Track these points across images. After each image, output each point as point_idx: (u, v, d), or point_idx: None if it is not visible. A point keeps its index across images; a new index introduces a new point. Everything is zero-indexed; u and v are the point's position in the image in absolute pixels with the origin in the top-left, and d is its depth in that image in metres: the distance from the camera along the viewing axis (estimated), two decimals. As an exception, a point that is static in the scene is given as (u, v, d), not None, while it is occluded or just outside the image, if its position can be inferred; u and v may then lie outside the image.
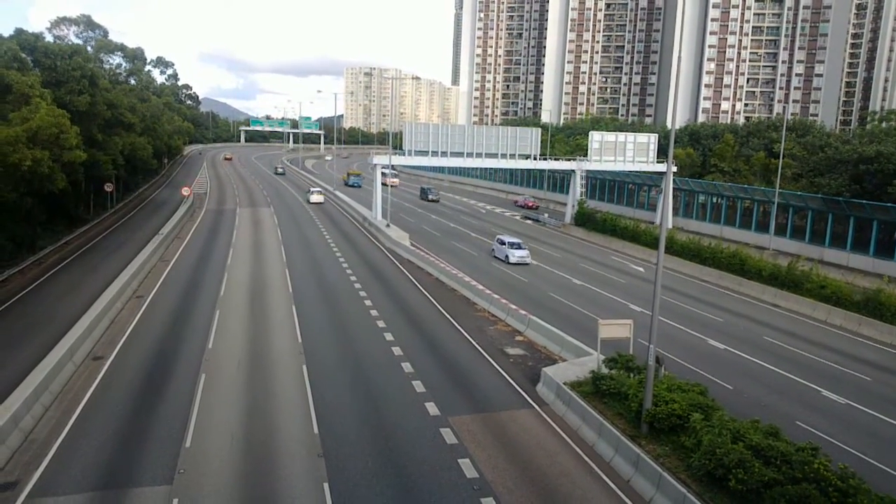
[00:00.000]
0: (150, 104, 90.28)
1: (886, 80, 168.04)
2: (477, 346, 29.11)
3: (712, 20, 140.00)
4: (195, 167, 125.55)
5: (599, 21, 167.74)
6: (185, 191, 73.25)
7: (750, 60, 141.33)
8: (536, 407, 22.75)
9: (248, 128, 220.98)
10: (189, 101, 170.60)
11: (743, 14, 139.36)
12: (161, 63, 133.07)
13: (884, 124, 74.78)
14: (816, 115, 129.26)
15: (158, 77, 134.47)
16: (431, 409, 21.92)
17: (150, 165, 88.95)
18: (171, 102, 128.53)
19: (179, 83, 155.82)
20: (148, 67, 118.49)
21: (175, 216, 60.75)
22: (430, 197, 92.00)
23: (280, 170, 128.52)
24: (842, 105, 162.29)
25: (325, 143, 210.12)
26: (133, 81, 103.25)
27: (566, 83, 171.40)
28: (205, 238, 54.35)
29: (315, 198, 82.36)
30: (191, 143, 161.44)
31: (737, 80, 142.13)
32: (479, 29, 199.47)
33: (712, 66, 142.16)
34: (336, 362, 26.26)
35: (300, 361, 25.91)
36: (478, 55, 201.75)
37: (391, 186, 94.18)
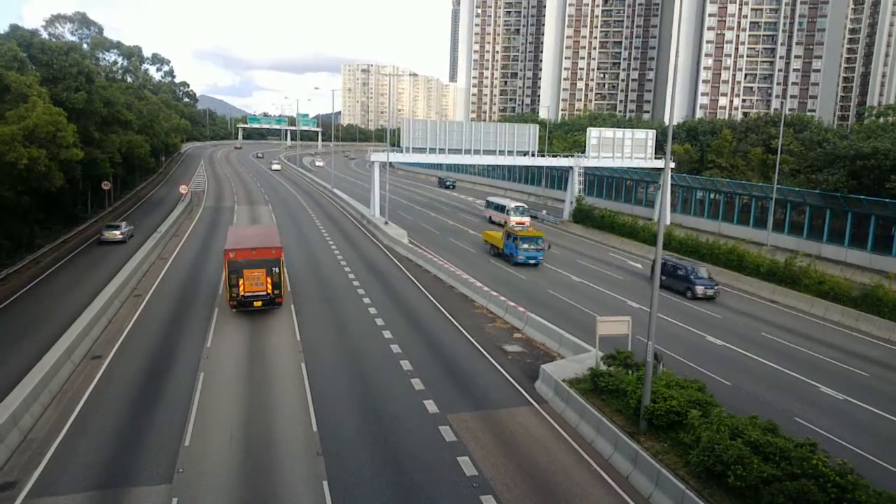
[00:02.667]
0: (147, 102, 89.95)
1: (884, 76, 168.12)
2: (475, 343, 29.12)
3: (710, 15, 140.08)
4: (193, 165, 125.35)
5: (597, 17, 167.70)
6: (183, 189, 73.17)
7: (748, 56, 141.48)
8: (535, 404, 22.77)
9: (245, 125, 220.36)
10: (186, 99, 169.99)
11: (740, 9, 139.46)
12: (158, 60, 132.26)
13: (881, 120, 74.82)
14: (814, 111, 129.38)
15: (155, 74, 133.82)
16: (430, 406, 21.94)
17: (148, 164, 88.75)
18: (168, 100, 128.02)
19: (176, 80, 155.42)
20: (145, 65, 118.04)
21: (173, 214, 60.68)
22: (700, 290, 38.92)
23: (260, 154, 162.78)
24: (839, 100, 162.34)
25: (322, 140, 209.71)
26: (129, 79, 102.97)
27: (564, 79, 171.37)
28: (203, 236, 54.28)
29: (275, 166, 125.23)
30: (188, 140, 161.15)
31: (734, 75, 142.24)
32: (477, 25, 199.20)
33: (710, 61, 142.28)
34: (335, 360, 26.26)
35: (299, 359, 25.91)
36: (475, 51, 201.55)
37: (519, 226, 55.70)
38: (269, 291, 31.66)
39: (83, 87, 51.01)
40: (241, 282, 31.26)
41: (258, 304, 31.59)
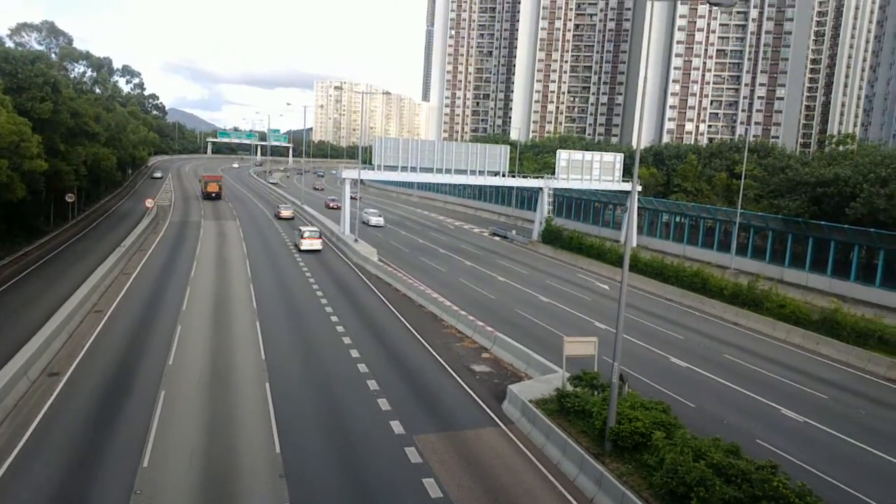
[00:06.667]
0: (116, 114, 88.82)
1: (843, 105, 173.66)
2: (443, 363, 29.03)
3: (678, 42, 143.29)
4: (161, 179, 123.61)
5: (568, 41, 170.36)
6: (149, 202, 71.98)
7: (714, 83, 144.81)
8: (502, 425, 22.73)
9: (215, 139, 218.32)
10: (155, 112, 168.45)
11: (707, 37, 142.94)
12: (127, 72, 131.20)
13: (841, 147, 77.00)
14: (777, 137, 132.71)
15: (124, 86, 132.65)
16: (396, 427, 21.74)
17: (114, 177, 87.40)
18: (136, 112, 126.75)
19: (146, 93, 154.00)
20: (114, 77, 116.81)
21: (138, 228, 59.65)
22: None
23: (235, 166, 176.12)
24: (802, 128, 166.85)
25: (293, 156, 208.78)
26: (98, 90, 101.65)
27: (535, 101, 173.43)
28: (168, 250, 53.45)
29: (234, 165, 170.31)
30: (156, 153, 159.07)
31: (701, 101, 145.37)
32: (450, 46, 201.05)
33: (677, 87, 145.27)
34: (300, 379, 25.94)
35: (263, 378, 25.52)
36: (448, 72, 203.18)
37: None
38: (218, 191, 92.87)
39: (49, 98, 50.15)
40: (207, 187, 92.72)
41: (213, 196, 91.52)
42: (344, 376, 26.44)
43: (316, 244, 56.42)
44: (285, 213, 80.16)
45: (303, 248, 55.43)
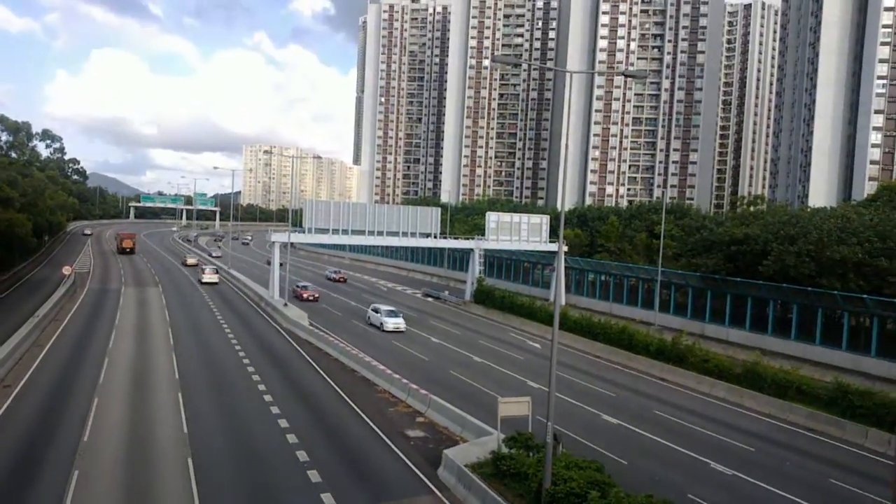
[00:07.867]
0: (33, 179, 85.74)
1: (752, 168, 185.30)
2: (377, 429, 28.38)
3: (596, 111, 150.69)
4: (78, 245, 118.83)
5: (494, 109, 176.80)
6: (67, 269, 68.81)
7: (631, 148, 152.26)
8: (438, 493, 22.21)
9: (138, 204, 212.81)
10: (76, 176, 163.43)
11: (623, 106, 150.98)
12: (48, 136, 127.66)
13: (752, 208, 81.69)
14: (693, 199, 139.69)
15: (44, 151, 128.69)
16: (328, 500, 20.92)
17: (29, 243, 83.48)
18: (55, 177, 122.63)
19: (66, 157, 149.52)
20: (34, 142, 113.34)
21: (54, 296, 56.74)
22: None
23: (175, 230, 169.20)
24: (715, 190, 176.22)
25: (220, 220, 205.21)
26: (15, 155, 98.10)
27: (464, 166, 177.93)
28: (85, 320, 50.93)
29: (175, 228, 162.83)
30: (76, 219, 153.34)
31: (619, 166, 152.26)
32: (381, 112, 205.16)
33: (597, 153, 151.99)
34: (224, 454, 24.77)
35: (185, 454, 24.23)
36: (379, 137, 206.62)
37: None
38: (132, 247, 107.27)
39: (-42, 162, 47.98)
40: (122, 242, 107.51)
41: (127, 250, 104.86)
42: (272, 448, 25.43)
43: (214, 278, 75.55)
44: (191, 260, 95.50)
45: (203, 280, 73.75)
